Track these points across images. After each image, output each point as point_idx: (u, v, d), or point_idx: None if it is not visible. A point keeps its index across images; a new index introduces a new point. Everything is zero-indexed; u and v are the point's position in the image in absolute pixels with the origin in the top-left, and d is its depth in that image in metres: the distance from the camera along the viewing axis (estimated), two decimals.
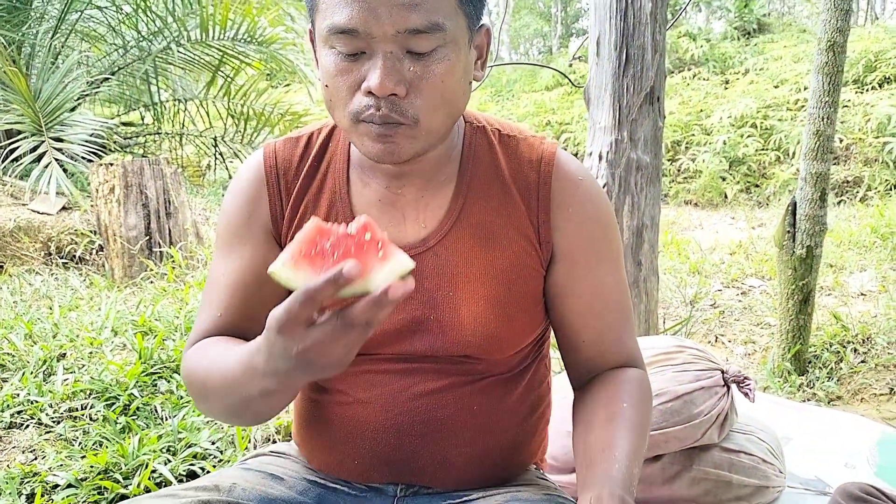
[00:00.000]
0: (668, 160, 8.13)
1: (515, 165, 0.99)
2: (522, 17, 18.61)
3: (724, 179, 7.62)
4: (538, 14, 18.38)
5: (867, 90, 7.88)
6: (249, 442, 2.11)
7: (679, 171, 8.01)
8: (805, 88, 8.00)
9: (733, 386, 1.56)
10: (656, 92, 2.21)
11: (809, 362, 3.01)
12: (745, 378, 1.55)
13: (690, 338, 3.49)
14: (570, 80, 3.19)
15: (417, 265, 0.95)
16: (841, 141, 7.24)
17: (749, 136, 7.65)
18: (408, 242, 0.97)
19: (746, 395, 1.54)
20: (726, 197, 7.43)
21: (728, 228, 5.81)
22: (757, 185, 7.47)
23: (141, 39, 5.83)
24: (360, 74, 0.82)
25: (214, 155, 6.44)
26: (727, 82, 9.29)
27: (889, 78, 7.94)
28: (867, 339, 3.12)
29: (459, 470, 1.03)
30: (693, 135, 8.15)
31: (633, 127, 2.20)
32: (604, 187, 2.22)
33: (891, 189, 6.73)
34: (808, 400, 2.81)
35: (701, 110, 8.48)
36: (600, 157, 2.23)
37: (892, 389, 2.80)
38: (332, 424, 1.04)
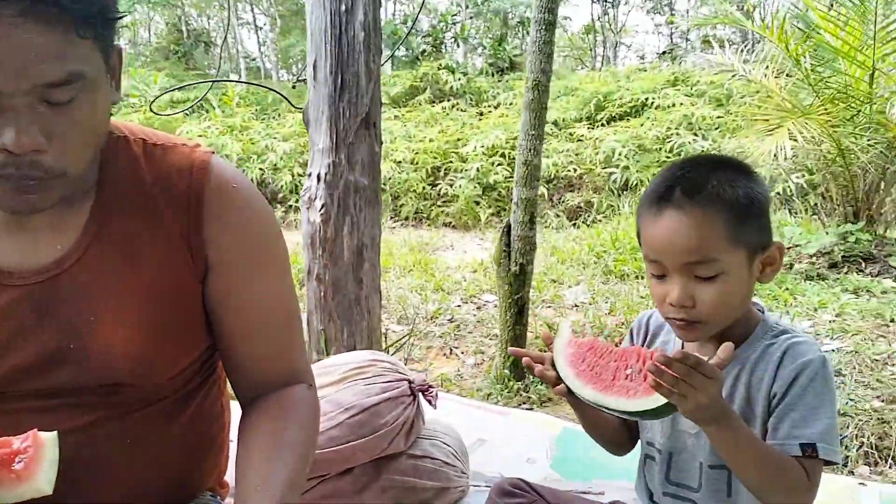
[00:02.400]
0: (429, 185, 8.53)
1: (163, 175, 0.93)
2: (290, 37, 18.52)
3: (477, 203, 8.17)
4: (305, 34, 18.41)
5: (597, 126, 8.97)
6: None
7: (439, 195, 8.44)
8: (546, 122, 8.89)
9: (419, 395, 1.66)
10: (372, 118, 2.30)
11: (526, 368, 3.31)
12: (430, 386, 1.65)
13: (426, 352, 3.67)
14: (290, 101, 3.21)
15: (52, 290, 0.88)
16: (575, 171, 8.15)
17: (499, 165, 8.30)
18: (40, 265, 0.89)
19: (430, 402, 1.65)
20: (479, 219, 7.97)
21: (476, 249, 6.24)
22: (506, 209, 8.10)
23: None
24: None
25: None
26: (482, 114, 10.02)
27: (615, 116, 9.12)
28: None
29: None
30: (451, 161, 8.65)
31: (350, 150, 2.27)
32: (322, 208, 2.26)
33: (615, 213, 7.68)
34: (524, 403, 3.08)
35: (458, 139, 9.04)
36: (319, 178, 2.27)
37: None
38: None
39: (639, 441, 1.26)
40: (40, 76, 0.74)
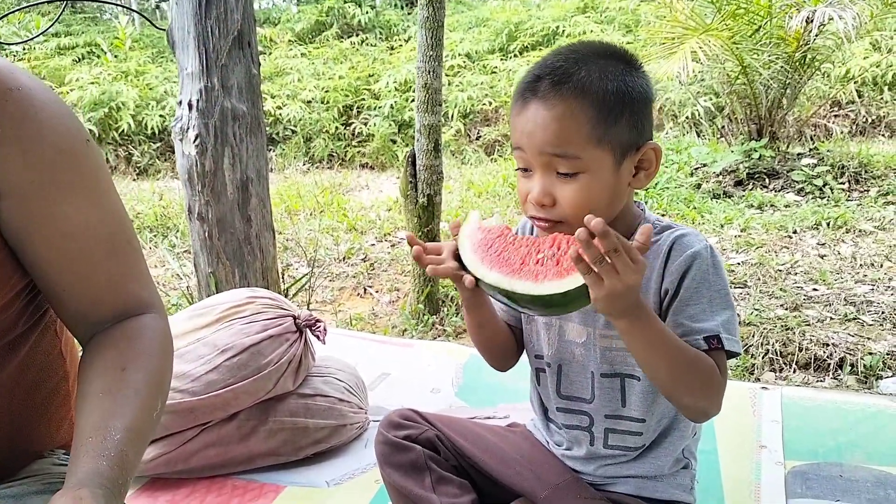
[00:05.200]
0: (342, 124, 8.24)
1: None
2: None
3: (394, 142, 7.95)
4: None
5: (510, 57, 8.81)
6: None
7: (353, 134, 8.17)
8: (459, 55, 8.68)
9: (306, 330, 1.54)
10: (245, 36, 2.09)
11: (441, 302, 3.23)
12: (317, 321, 1.53)
13: (339, 294, 3.54)
14: (152, 22, 2.93)
15: None
16: (491, 104, 8.02)
17: (413, 101, 8.06)
18: None
19: (318, 337, 1.53)
20: (397, 158, 7.77)
21: (392, 188, 6.07)
22: None
23: None
24: None
25: None
26: (392, 48, 9.68)
27: (527, 46, 8.98)
28: None
29: None
30: (363, 99, 8.35)
31: (223, 73, 2.06)
32: (196, 139, 2.06)
33: None
34: (439, 336, 3.01)
35: (370, 75, 8.72)
36: (190, 106, 2.06)
37: None
38: None
39: (524, 356, 1.20)
40: None
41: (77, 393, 0.86)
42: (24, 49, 9.56)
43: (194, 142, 2.05)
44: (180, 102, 2.08)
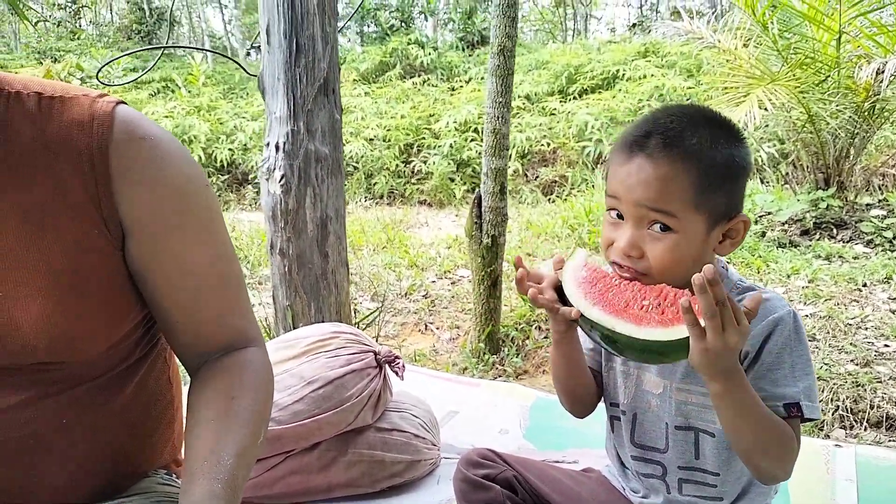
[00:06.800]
0: (402, 162, 8.43)
1: (62, 131, 0.84)
2: (255, 14, 18.20)
3: (452, 180, 8.09)
4: None
5: (569, 100, 8.90)
6: None
7: (413, 172, 8.34)
8: (518, 96, 8.82)
9: (385, 366, 1.60)
10: (331, 84, 2.22)
11: (501, 341, 3.27)
12: (396, 357, 1.59)
13: (401, 329, 3.62)
14: (244, 68, 3.10)
15: None
16: (549, 145, 8.09)
17: (472, 140, 8.21)
18: None
19: (397, 373, 1.59)
20: (454, 196, 7.89)
21: (451, 225, 6.17)
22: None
23: None
24: None
25: None
26: (453, 89, 9.90)
27: (587, 89, 9.06)
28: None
29: (53, 490, 0.90)
30: (423, 138, 8.54)
31: (309, 118, 2.18)
32: (282, 179, 2.17)
33: (588, 186, 7.66)
34: (499, 376, 3.04)
35: (430, 115, 8.92)
36: (278, 148, 2.18)
37: None
38: None
39: (601, 405, 1.22)
40: None
41: (188, 417, 0.92)
42: (105, 84, 10.12)
43: (280, 181, 2.17)
44: (268, 144, 2.21)
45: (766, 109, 4.42)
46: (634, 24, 15.03)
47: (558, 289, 1.01)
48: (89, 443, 0.92)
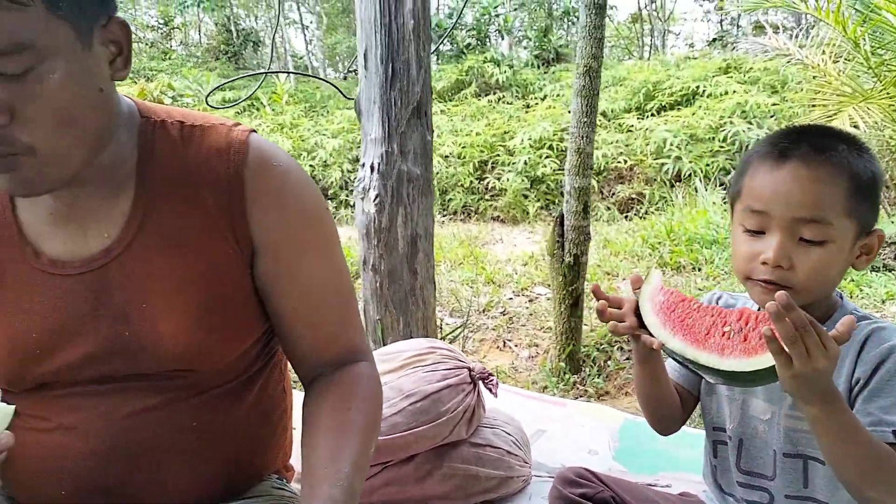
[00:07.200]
0: (477, 178, 8.50)
1: (202, 158, 0.92)
2: (336, 35, 18.74)
3: (525, 197, 8.10)
4: (351, 31, 18.66)
5: (647, 116, 8.79)
6: None
7: (487, 189, 8.40)
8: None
9: (479, 383, 1.64)
10: (423, 107, 2.29)
11: (582, 361, 3.26)
12: (490, 374, 1.63)
13: (480, 345, 3.65)
14: (342, 92, 3.22)
15: (103, 279, 0.89)
16: (625, 162, 8.00)
17: (547, 157, 8.21)
18: (90, 255, 0.90)
19: (490, 390, 1.63)
20: (528, 213, 7.90)
21: (526, 242, 6.18)
22: (554, 203, 8.02)
23: None
24: None
25: None
26: (528, 106, 9.93)
27: (665, 106, 8.92)
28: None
29: (180, 490, 0.97)
30: (498, 155, 8.60)
31: (402, 139, 2.26)
32: (377, 198, 2.26)
33: (667, 204, 7.53)
34: (580, 396, 3.04)
35: (505, 132, 8.98)
36: (372, 169, 2.27)
37: None
38: (34, 453, 0.94)
39: (685, 424, 1.21)
40: None
41: (306, 427, 0.98)
42: (194, 102, 10.64)
43: (374, 200, 2.25)
44: (363, 165, 2.31)
45: (857, 128, 4.26)
46: (714, 40, 14.71)
47: (637, 310, 1.01)
48: (214, 446, 0.99)
